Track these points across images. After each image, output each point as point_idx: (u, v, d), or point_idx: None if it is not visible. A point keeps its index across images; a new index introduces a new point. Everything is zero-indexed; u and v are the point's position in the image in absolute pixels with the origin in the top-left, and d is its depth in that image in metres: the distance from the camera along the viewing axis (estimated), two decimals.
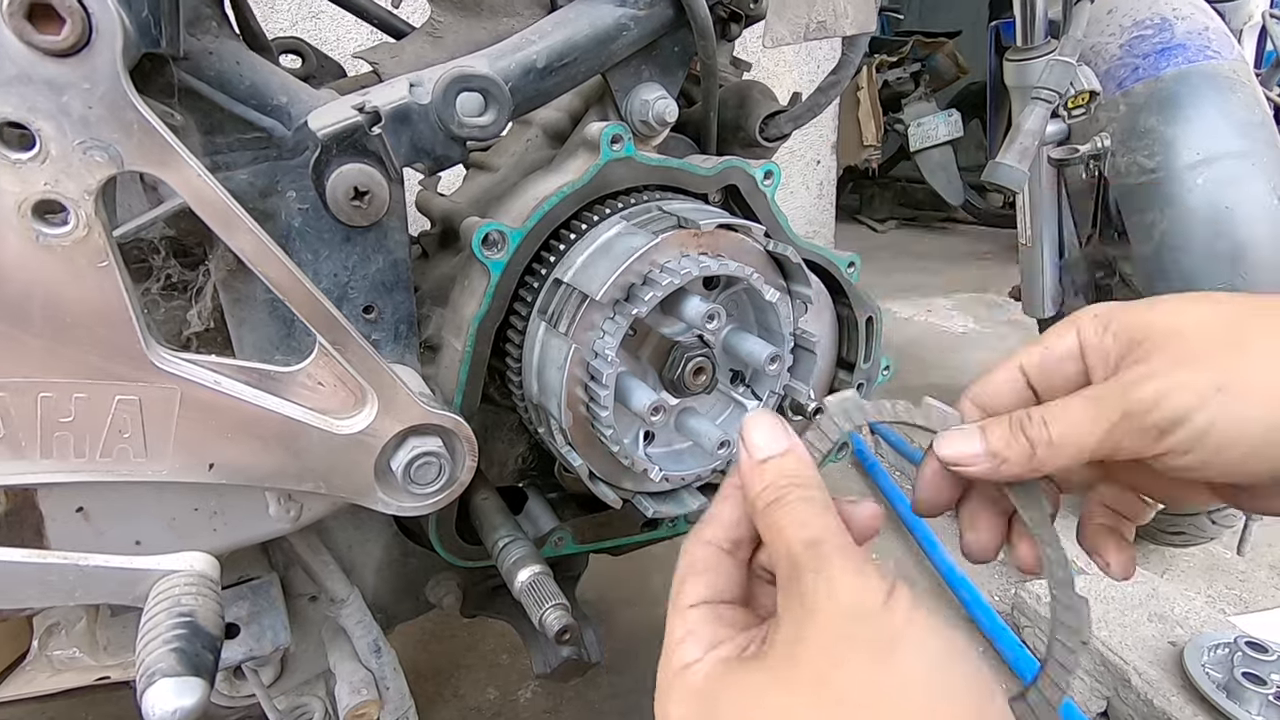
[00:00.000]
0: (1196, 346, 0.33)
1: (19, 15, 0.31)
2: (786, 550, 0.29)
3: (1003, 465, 0.35)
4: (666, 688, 0.29)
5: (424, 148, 0.50)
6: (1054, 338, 0.38)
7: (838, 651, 0.26)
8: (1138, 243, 1.04)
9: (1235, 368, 0.32)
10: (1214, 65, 1.02)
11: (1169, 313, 0.35)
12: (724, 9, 0.67)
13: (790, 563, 0.29)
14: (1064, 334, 0.37)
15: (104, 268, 0.37)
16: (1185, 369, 0.32)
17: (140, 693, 0.35)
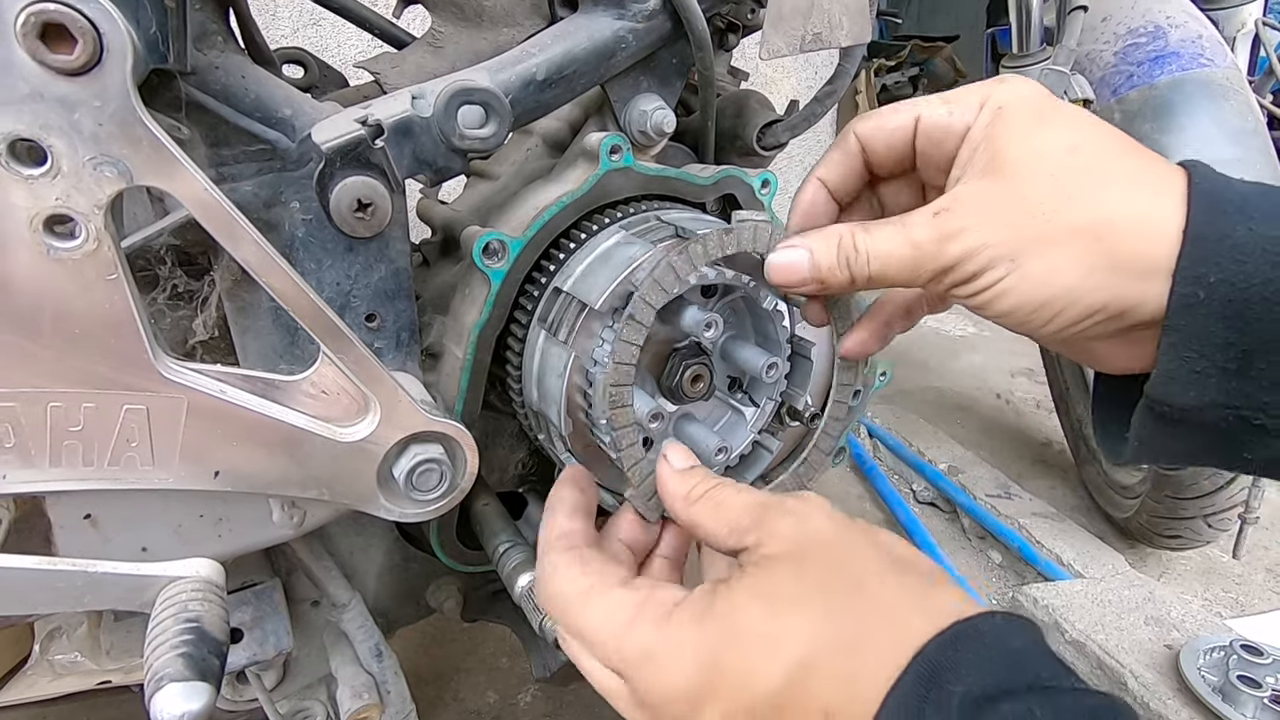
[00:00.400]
0: (1029, 196, 0.34)
1: (33, 36, 0.32)
2: (737, 514, 0.36)
3: (824, 289, 0.40)
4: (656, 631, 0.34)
5: (426, 160, 0.51)
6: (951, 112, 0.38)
7: (839, 550, 0.33)
8: None
9: (1041, 236, 0.34)
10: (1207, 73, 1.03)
11: (1031, 146, 0.35)
12: (721, 20, 0.68)
13: (750, 514, 0.36)
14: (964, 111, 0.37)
15: (113, 280, 0.37)
16: (999, 226, 0.34)
17: (149, 697, 0.36)
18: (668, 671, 0.32)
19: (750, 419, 0.60)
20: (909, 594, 0.32)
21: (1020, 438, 1.81)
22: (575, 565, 0.38)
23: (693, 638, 0.32)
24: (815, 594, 0.32)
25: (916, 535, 1.39)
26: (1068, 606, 1.08)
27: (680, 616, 0.33)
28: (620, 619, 0.34)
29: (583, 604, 0.36)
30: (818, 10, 0.61)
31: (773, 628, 0.31)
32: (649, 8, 0.57)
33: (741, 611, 0.32)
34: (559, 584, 0.37)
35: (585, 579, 0.37)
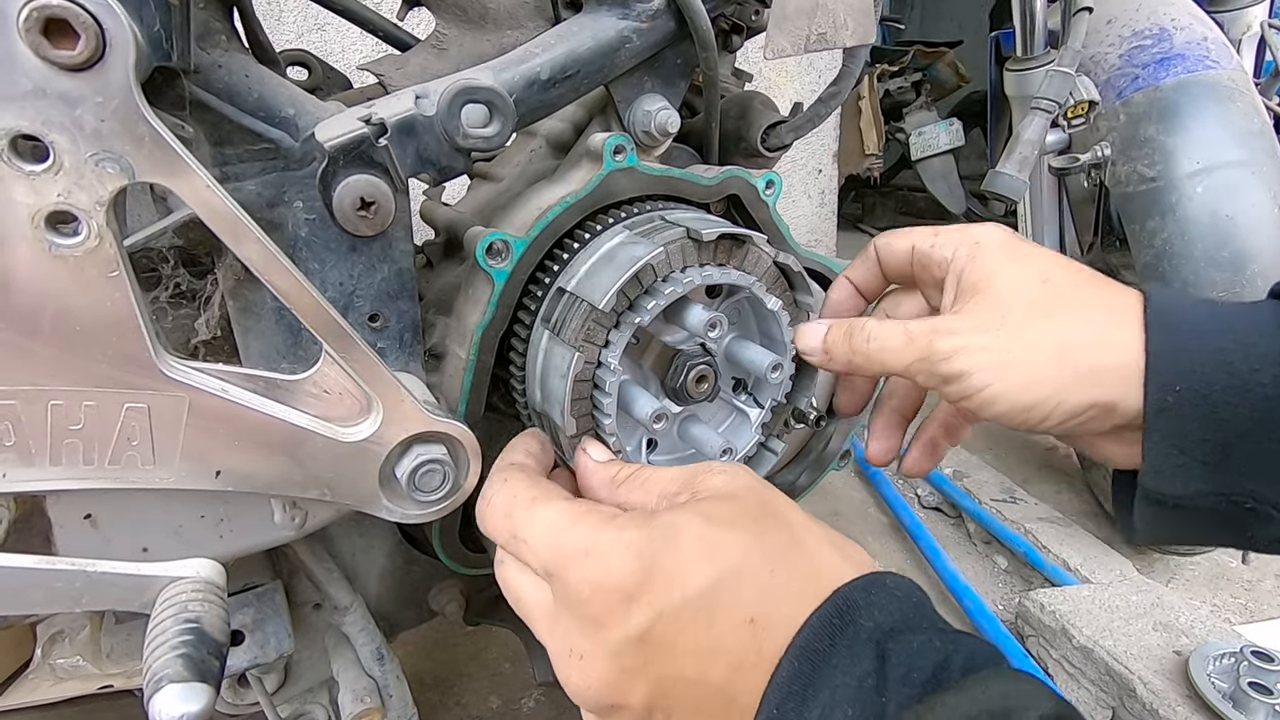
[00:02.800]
0: (1008, 311, 0.40)
1: (35, 31, 0.32)
2: (664, 484, 0.40)
3: (830, 361, 0.48)
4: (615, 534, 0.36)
5: (429, 159, 0.51)
6: (934, 246, 0.46)
7: (767, 497, 0.38)
8: (1139, 250, 1.04)
9: (1021, 343, 0.39)
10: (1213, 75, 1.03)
11: (1008, 276, 0.41)
12: (726, 21, 0.68)
13: (678, 482, 0.39)
14: (944, 246, 0.45)
15: (114, 277, 0.37)
16: (984, 334, 0.40)
17: (147, 698, 0.35)
18: (605, 564, 0.34)
19: (755, 420, 0.60)
20: (830, 543, 0.36)
21: (1026, 442, 1.80)
22: (524, 479, 0.41)
23: (634, 537, 0.34)
24: (749, 520, 0.35)
25: (921, 540, 1.38)
26: (1075, 612, 1.07)
27: (621, 521, 0.36)
28: (563, 521, 0.37)
29: (528, 509, 0.38)
30: (822, 10, 0.61)
31: (710, 537, 0.34)
32: (653, 8, 0.57)
33: (682, 523, 0.35)
34: (505, 493, 0.40)
35: (532, 490, 0.40)
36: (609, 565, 0.34)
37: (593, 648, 0.34)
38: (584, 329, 0.51)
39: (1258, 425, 0.36)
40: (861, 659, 0.30)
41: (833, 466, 0.75)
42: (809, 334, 0.49)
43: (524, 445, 0.47)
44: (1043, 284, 0.40)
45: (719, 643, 0.32)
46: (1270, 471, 0.36)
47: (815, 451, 0.75)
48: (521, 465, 0.44)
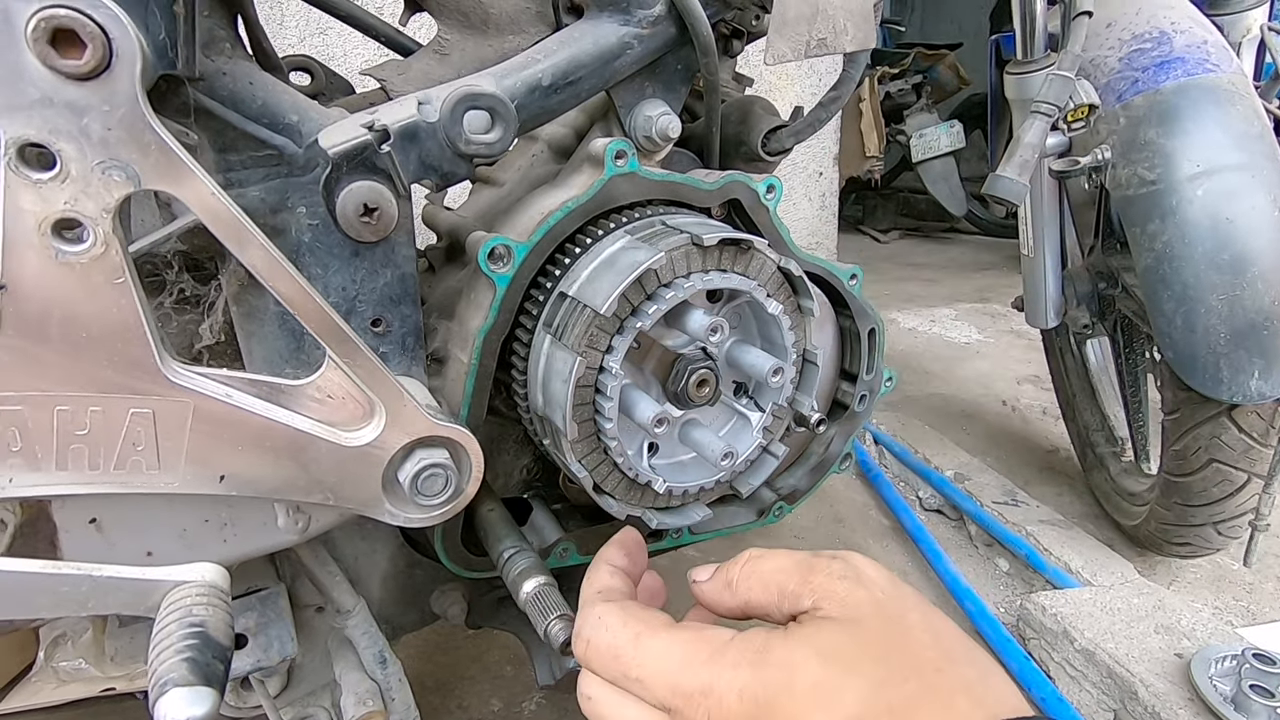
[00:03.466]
0: None
1: (43, 41, 0.32)
2: (781, 579, 0.37)
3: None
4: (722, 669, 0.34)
5: (432, 165, 0.51)
6: None
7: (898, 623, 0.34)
8: (1139, 254, 1.04)
9: None
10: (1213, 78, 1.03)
11: None
12: (726, 26, 0.68)
13: (795, 576, 0.37)
14: None
15: (120, 284, 0.37)
16: None
17: (153, 702, 0.35)
18: (724, 703, 0.33)
19: (756, 424, 0.60)
20: (961, 681, 0.32)
21: (1027, 445, 1.80)
22: (619, 613, 0.39)
23: (750, 679, 0.33)
24: (871, 660, 0.32)
25: (923, 543, 1.38)
26: (1076, 615, 1.07)
27: (735, 657, 0.34)
28: (675, 657, 0.35)
29: (634, 648, 0.37)
30: (822, 16, 0.61)
31: (828, 684, 0.32)
32: (654, 14, 0.58)
33: (799, 664, 0.33)
34: (605, 632, 0.38)
35: (633, 624, 0.38)
36: (726, 708, 0.33)
37: None
38: (586, 334, 0.51)
39: None
40: None
41: (834, 469, 0.75)
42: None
43: (607, 561, 0.44)
44: None
45: None
46: None
47: (816, 455, 0.75)
48: (608, 595, 0.41)
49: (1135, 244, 1.05)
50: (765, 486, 0.71)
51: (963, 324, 2.60)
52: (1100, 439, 1.50)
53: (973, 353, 2.36)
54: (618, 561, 0.44)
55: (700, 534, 0.71)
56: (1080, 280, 1.32)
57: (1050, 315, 1.34)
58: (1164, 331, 1.02)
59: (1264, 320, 0.95)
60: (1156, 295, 1.02)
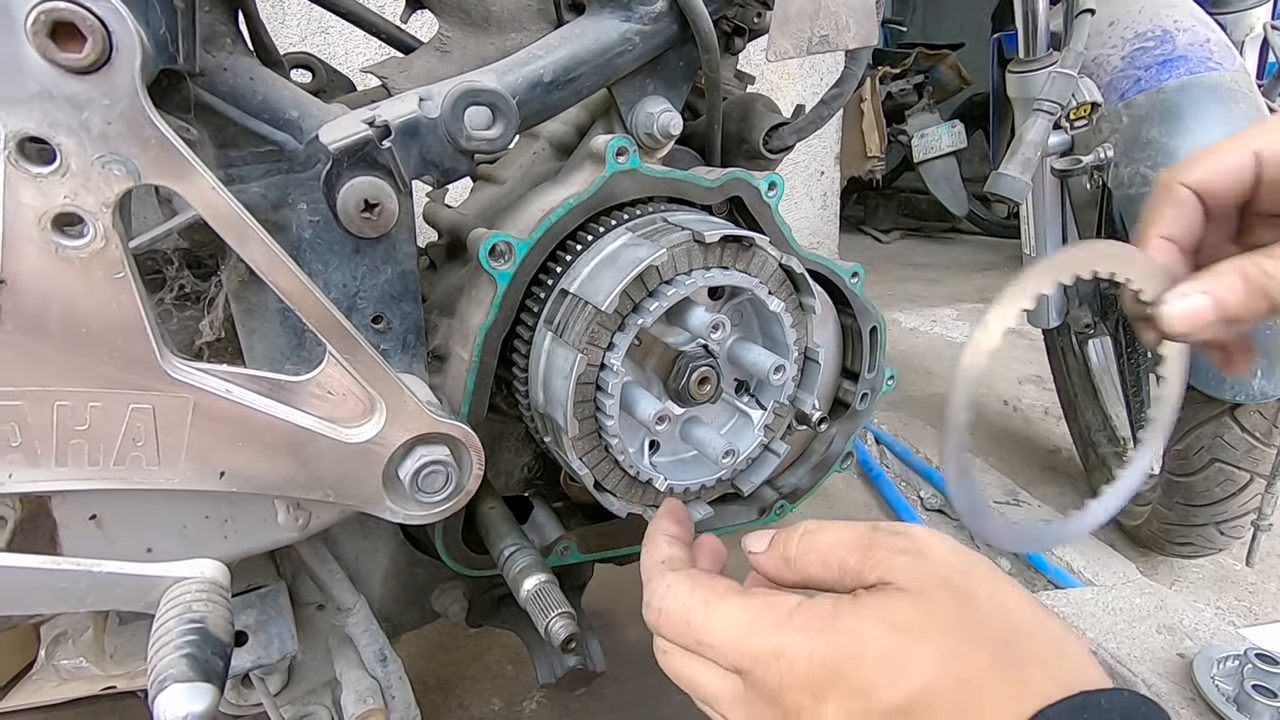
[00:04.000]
0: None
1: (43, 34, 0.32)
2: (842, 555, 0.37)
3: (1240, 324, 0.37)
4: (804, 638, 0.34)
5: (433, 161, 0.51)
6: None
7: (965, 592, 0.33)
8: None
9: None
10: (1216, 77, 1.02)
11: None
12: (728, 24, 0.68)
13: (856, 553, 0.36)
14: None
15: (120, 279, 0.37)
16: None
17: (152, 698, 0.35)
18: (796, 668, 0.33)
19: (758, 422, 0.60)
20: (1034, 653, 0.32)
21: (1028, 444, 1.79)
22: (687, 581, 0.40)
23: (819, 644, 0.33)
24: (940, 632, 0.32)
25: None
26: (1079, 614, 1.06)
27: (801, 622, 0.34)
28: (744, 621, 0.36)
29: (705, 613, 0.37)
30: (824, 13, 0.61)
31: (897, 654, 0.32)
32: (655, 10, 0.58)
33: (867, 633, 0.33)
34: (676, 599, 0.39)
35: (701, 591, 0.38)
36: (797, 669, 0.33)
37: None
38: (587, 331, 0.51)
39: None
40: None
41: (835, 468, 0.75)
42: (1195, 310, 0.38)
43: (663, 531, 0.45)
44: None
45: None
46: None
47: (818, 453, 0.75)
48: (673, 564, 0.42)
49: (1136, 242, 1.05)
50: (767, 485, 0.71)
51: (964, 324, 2.60)
52: (1102, 439, 1.50)
53: None
54: (673, 531, 0.45)
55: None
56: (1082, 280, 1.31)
57: (1052, 315, 1.34)
58: None
59: None
60: None
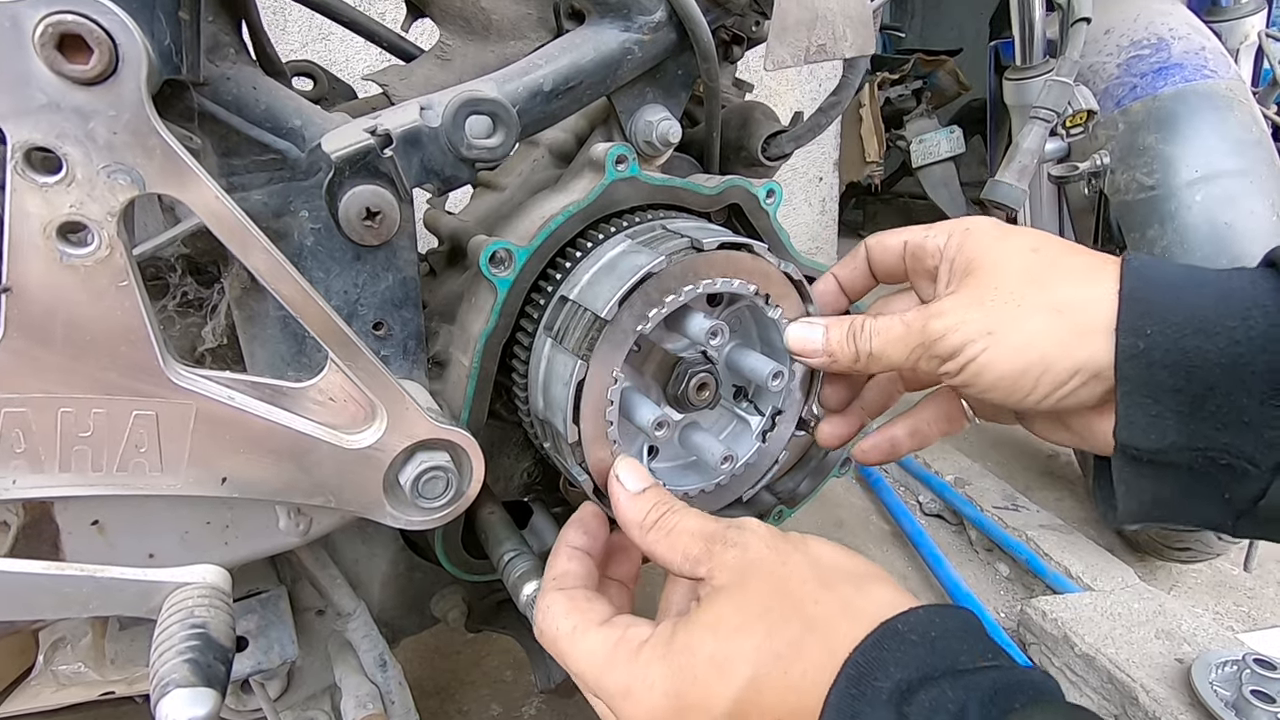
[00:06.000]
0: (998, 284, 0.40)
1: (50, 46, 0.33)
2: (687, 542, 0.40)
3: (832, 363, 0.48)
4: (625, 666, 0.37)
5: (434, 169, 0.52)
6: (927, 237, 0.46)
7: (777, 574, 0.37)
8: None
9: (1013, 315, 0.39)
10: (1211, 84, 1.03)
11: (998, 252, 0.42)
12: (726, 32, 0.69)
13: (700, 544, 0.40)
14: (937, 236, 0.46)
15: (124, 287, 0.38)
16: (976, 309, 0.40)
17: (154, 702, 0.36)
18: (642, 706, 0.36)
19: (756, 428, 0.60)
20: (837, 604, 0.35)
21: (1027, 450, 1.80)
22: (564, 604, 0.42)
23: (659, 673, 0.36)
24: (757, 618, 0.35)
25: (923, 548, 1.38)
26: (1077, 620, 1.07)
27: (647, 655, 0.37)
28: (600, 657, 0.38)
29: (570, 643, 0.40)
30: (822, 22, 0.62)
31: (721, 654, 0.35)
32: (655, 20, 0.58)
33: (696, 644, 0.36)
34: (551, 623, 0.41)
35: (571, 619, 0.41)
36: (645, 706, 0.36)
37: None
38: (587, 337, 0.51)
39: (1227, 374, 0.35)
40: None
41: (834, 473, 0.75)
42: (805, 336, 0.49)
43: (567, 543, 0.47)
44: (1031, 253, 0.41)
45: None
46: (1243, 423, 0.36)
47: (816, 458, 0.75)
48: (561, 583, 0.44)
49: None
50: (765, 490, 0.71)
51: None
52: None
53: None
54: (577, 543, 0.47)
55: None
56: None
57: None
58: None
59: None
60: None
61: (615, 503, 0.45)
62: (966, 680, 0.31)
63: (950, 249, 0.44)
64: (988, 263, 0.42)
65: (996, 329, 0.39)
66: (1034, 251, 0.41)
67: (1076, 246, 0.42)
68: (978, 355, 0.40)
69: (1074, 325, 0.38)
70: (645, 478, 0.45)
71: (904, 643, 0.33)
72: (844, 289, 0.53)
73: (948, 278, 0.44)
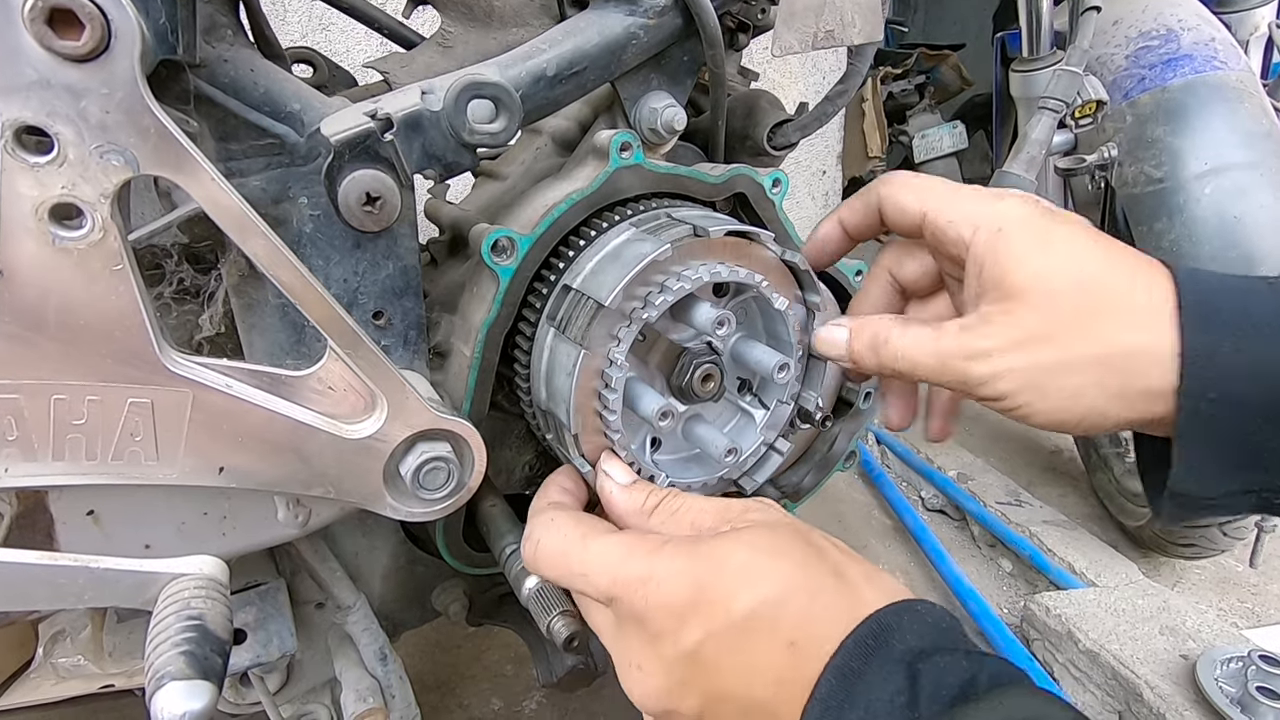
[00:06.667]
0: (1042, 325, 0.39)
1: (40, 20, 0.32)
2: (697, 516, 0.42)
3: (857, 367, 0.47)
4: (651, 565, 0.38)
5: (435, 154, 0.51)
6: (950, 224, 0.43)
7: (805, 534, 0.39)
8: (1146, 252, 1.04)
9: (1060, 364, 0.38)
10: (1220, 76, 1.02)
11: (1037, 273, 0.39)
12: (732, 19, 0.68)
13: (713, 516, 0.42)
14: (961, 226, 0.42)
15: (118, 271, 0.37)
16: (1018, 353, 0.39)
17: (149, 695, 0.35)
18: (662, 590, 0.37)
19: (760, 421, 0.60)
20: (862, 573, 0.38)
21: (1030, 445, 1.79)
22: (569, 518, 0.43)
23: (685, 565, 0.37)
24: (788, 550, 0.37)
25: (926, 543, 1.37)
26: (1081, 616, 1.06)
27: (671, 550, 0.38)
28: (617, 552, 0.40)
29: (582, 546, 0.41)
30: (830, 8, 0.61)
31: (753, 566, 0.37)
32: (660, 4, 0.57)
33: (728, 552, 0.37)
34: (556, 533, 0.43)
35: (580, 527, 0.42)
36: (663, 590, 0.37)
37: (650, 661, 0.37)
38: (589, 326, 0.50)
39: None
40: (893, 677, 0.32)
41: (838, 468, 0.75)
42: (832, 339, 0.48)
43: (558, 483, 0.49)
44: (1077, 289, 0.39)
45: (761, 663, 0.35)
46: None
47: (820, 452, 0.75)
48: (560, 504, 0.45)
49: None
50: (769, 484, 0.70)
51: None
52: (1104, 440, 1.49)
53: None
54: (567, 485, 0.49)
55: None
56: None
57: None
58: None
59: None
60: None
61: (606, 497, 0.45)
62: (977, 657, 0.33)
63: (980, 250, 0.41)
64: (1026, 285, 0.39)
65: (1043, 382, 0.39)
66: (1079, 280, 0.39)
67: (1123, 258, 0.40)
68: (1021, 405, 0.40)
69: (1128, 383, 0.38)
70: (631, 472, 0.47)
71: (921, 621, 0.35)
72: (849, 233, 0.51)
73: (978, 288, 0.41)
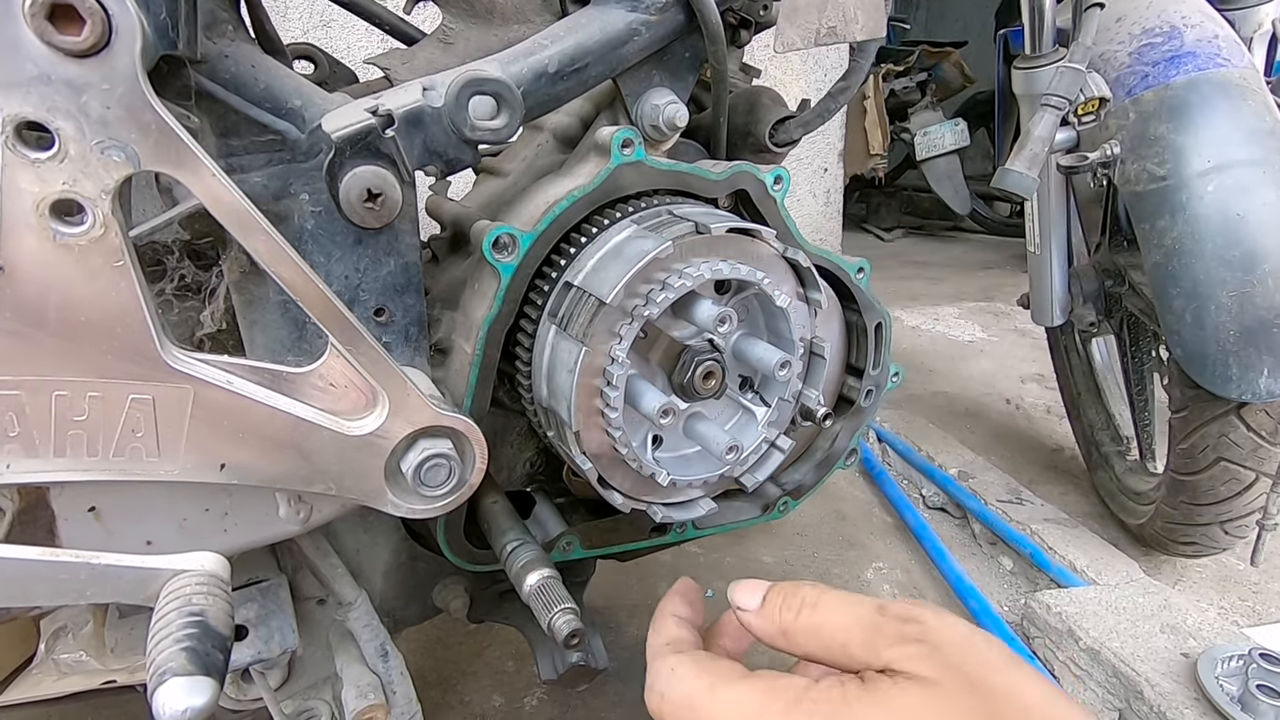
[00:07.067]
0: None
1: (40, 16, 0.32)
2: (841, 639, 0.36)
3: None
4: None
5: (436, 150, 0.51)
6: None
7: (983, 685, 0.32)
8: (1148, 250, 1.03)
9: None
10: (1224, 73, 1.02)
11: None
12: (734, 15, 0.68)
13: (857, 637, 0.36)
14: None
15: (120, 267, 0.37)
16: None
17: (151, 691, 0.35)
18: None
19: (762, 419, 0.59)
20: None
21: (1031, 443, 1.79)
22: (692, 664, 0.39)
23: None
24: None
25: (926, 541, 1.37)
26: (1081, 614, 1.06)
27: (812, 708, 0.34)
28: (751, 706, 0.35)
29: (710, 699, 0.36)
30: (833, 4, 0.60)
31: None
32: (662, 1, 0.57)
33: (872, 717, 0.32)
34: (680, 685, 0.38)
35: (706, 676, 0.37)
36: None
37: None
38: (591, 323, 0.50)
39: None
40: None
41: (839, 465, 0.74)
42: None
43: (671, 611, 0.44)
44: None
45: None
46: None
47: (822, 450, 0.75)
48: (678, 646, 0.41)
49: (1144, 240, 1.04)
50: (770, 481, 0.70)
51: (967, 322, 2.59)
52: (1105, 438, 1.49)
53: (977, 351, 2.35)
54: (682, 612, 0.43)
55: (705, 529, 0.71)
56: (1086, 278, 1.31)
57: (1056, 313, 1.33)
58: (1173, 329, 1.01)
59: (1274, 318, 0.94)
60: (1165, 292, 1.01)
61: (747, 626, 0.41)
62: None
63: None
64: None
65: None
66: None
67: None
68: None
69: None
70: (759, 589, 0.41)
71: None
72: None
73: None
